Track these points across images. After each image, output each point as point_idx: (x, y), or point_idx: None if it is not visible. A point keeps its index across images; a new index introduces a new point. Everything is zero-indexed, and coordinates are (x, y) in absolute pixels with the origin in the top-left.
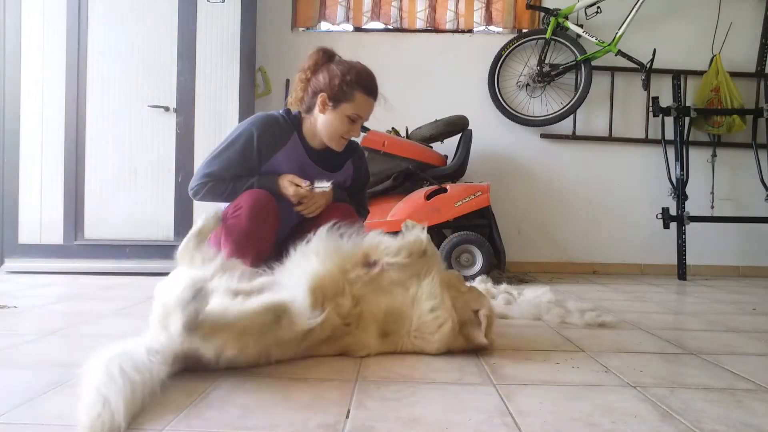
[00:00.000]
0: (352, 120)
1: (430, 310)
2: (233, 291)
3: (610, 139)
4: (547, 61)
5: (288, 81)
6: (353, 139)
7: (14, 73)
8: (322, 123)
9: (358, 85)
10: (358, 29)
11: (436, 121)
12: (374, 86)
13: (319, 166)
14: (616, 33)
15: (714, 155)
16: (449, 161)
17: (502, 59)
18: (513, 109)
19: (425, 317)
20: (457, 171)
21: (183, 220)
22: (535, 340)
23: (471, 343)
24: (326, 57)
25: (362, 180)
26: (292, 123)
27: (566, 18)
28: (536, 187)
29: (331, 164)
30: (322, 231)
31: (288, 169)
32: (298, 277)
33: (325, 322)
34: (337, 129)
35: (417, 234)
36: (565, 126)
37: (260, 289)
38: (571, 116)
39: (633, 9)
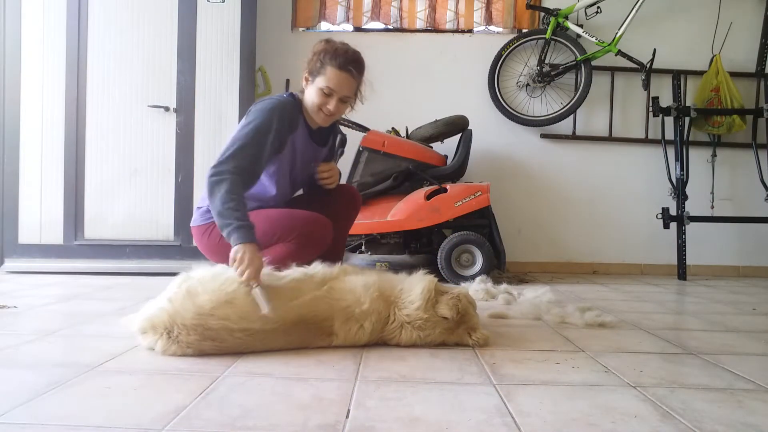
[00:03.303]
0: (325, 93)
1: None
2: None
3: (610, 139)
4: (547, 61)
5: (288, 81)
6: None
7: (14, 73)
8: (305, 98)
9: (330, 59)
10: (358, 29)
11: (436, 121)
12: (348, 62)
13: (315, 143)
14: (616, 33)
15: (714, 155)
16: (449, 161)
17: (502, 59)
18: (513, 109)
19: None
20: (457, 171)
21: (183, 220)
22: (535, 340)
23: (440, 316)
24: (324, 42)
25: (334, 154)
26: (298, 106)
27: (566, 18)
28: (536, 187)
29: (322, 140)
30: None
31: (298, 151)
32: None
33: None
34: (315, 101)
35: None
36: (565, 126)
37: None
38: (571, 116)
39: (633, 9)
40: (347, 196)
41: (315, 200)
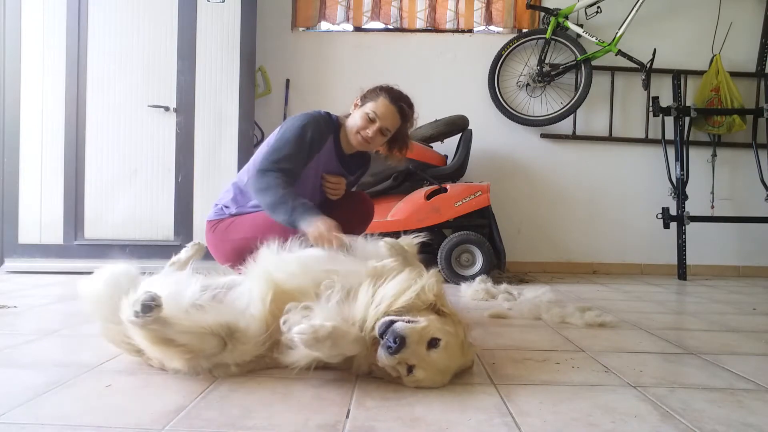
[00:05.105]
0: (369, 119)
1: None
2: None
3: (610, 139)
4: (547, 61)
5: (288, 81)
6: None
7: (14, 74)
8: (349, 120)
9: (386, 92)
10: (358, 29)
11: (436, 121)
12: (401, 99)
13: (343, 168)
14: (616, 33)
15: (714, 155)
16: (449, 161)
17: (502, 59)
18: (513, 109)
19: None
20: (457, 171)
21: (183, 220)
22: (535, 340)
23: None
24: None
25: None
26: (332, 126)
27: (566, 18)
28: (536, 187)
29: (350, 168)
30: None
31: (322, 168)
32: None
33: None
34: (357, 123)
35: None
36: (565, 126)
37: (229, 286)
38: (571, 116)
39: (633, 9)
40: (361, 205)
41: (327, 203)
